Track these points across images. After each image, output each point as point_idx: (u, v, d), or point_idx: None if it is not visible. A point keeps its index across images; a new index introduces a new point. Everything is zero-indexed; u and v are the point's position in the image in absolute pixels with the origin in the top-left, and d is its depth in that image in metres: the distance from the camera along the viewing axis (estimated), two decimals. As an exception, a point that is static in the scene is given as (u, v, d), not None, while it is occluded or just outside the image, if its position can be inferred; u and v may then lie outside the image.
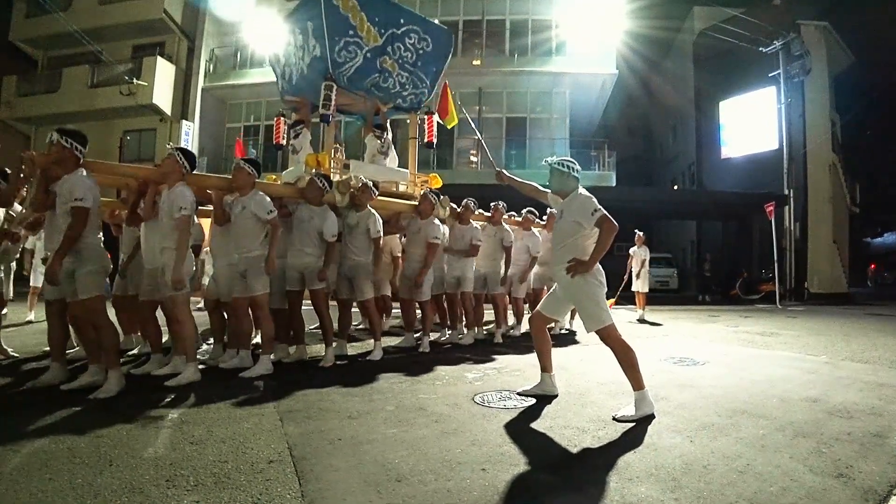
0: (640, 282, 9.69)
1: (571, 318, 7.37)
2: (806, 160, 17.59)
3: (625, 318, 9.58)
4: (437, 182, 7.00)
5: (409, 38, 6.48)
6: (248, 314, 4.62)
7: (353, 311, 5.88)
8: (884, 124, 31.74)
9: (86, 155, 3.80)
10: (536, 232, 6.93)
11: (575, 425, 3.13)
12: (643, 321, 9.28)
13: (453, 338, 6.37)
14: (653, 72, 25.80)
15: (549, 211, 6.97)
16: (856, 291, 20.29)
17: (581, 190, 3.66)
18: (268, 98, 19.03)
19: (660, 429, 3.06)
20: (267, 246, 4.46)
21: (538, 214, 7.14)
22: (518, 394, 3.80)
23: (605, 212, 3.44)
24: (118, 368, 3.77)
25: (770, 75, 18.08)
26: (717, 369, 4.88)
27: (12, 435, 2.82)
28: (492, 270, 6.53)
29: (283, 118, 7.41)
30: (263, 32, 16.43)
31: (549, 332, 4.02)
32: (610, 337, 3.39)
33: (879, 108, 30.00)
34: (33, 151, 3.94)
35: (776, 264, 14.73)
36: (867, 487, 2.27)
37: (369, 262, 5.26)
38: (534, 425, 3.17)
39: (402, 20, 6.44)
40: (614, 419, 3.22)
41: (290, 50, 6.79)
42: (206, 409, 3.40)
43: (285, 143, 7.09)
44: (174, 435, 2.90)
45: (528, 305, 7.18)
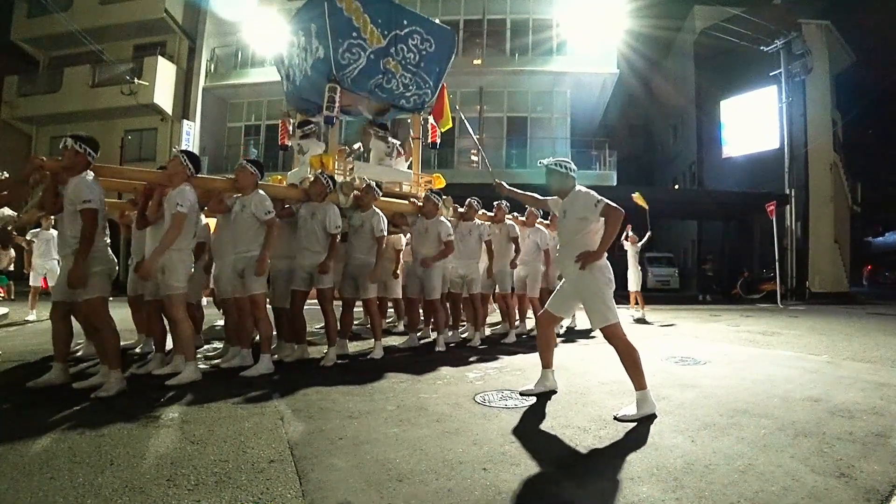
0: (632, 280, 9.67)
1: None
2: (807, 159, 17.57)
3: (624, 318, 9.58)
4: (440, 182, 7.02)
5: (412, 39, 6.48)
6: (250, 313, 4.63)
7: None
8: (885, 123, 31.73)
9: (96, 160, 3.89)
10: (541, 227, 6.93)
11: (576, 425, 3.13)
12: (640, 320, 9.27)
13: (455, 337, 6.37)
14: (653, 71, 25.80)
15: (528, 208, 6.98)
16: (856, 291, 20.26)
17: (579, 187, 3.71)
18: (269, 98, 19.06)
19: (661, 428, 3.05)
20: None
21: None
22: (520, 394, 3.80)
23: (608, 200, 3.48)
24: (119, 369, 3.80)
25: (771, 74, 18.06)
26: (718, 369, 4.88)
27: (13, 434, 2.83)
28: (500, 269, 6.53)
29: (288, 119, 7.40)
30: (264, 32, 16.50)
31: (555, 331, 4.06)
32: (615, 336, 3.40)
33: (881, 108, 29.96)
34: (43, 157, 4.00)
35: (777, 264, 14.72)
36: (869, 487, 2.26)
37: (373, 262, 5.30)
38: (535, 425, 3.17)
39: (406, 21, 6.45)
40: (615, 419, 3.22)
41: (293, 51, 6.82)
42: (207, 409, 3.40)
43: (291, 143, 7.10)
44: (175, 434, 2.91)
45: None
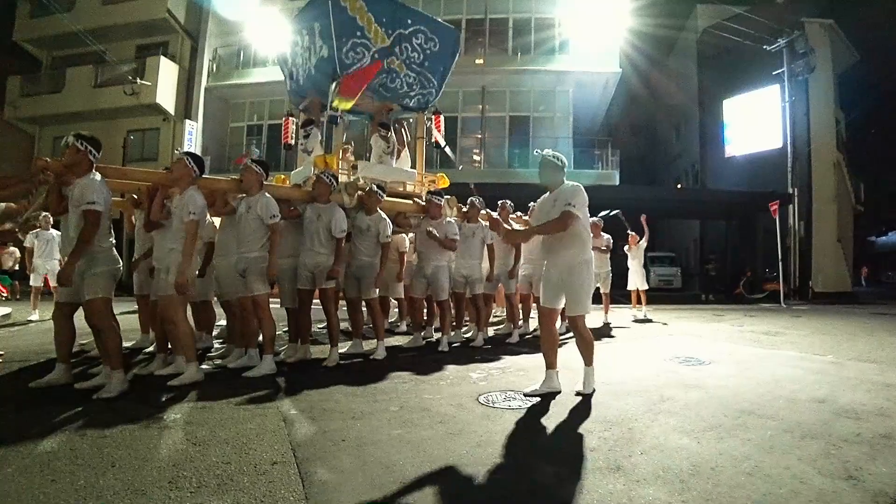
0: (635, 279, 9.64)
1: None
2: (810, 158, 17.52)
3: (626, 318, 9.56)
4: (444, 182, 7.01)
5: (416, 38, 6.51)
6: (254, 314, 4.63)
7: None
8: (889, 122, 31.67)
9: (98, 159, 3.87)
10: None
11: (581, 426, 3.12)
12: (644, 320, 9.24)
13: (458, 337, 6.37)
14: (656, 70, 25.77)
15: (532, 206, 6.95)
16: (858, 291, 20.20)
17: (568, 182, 3.90)
18: (271, 97, 19.08)
19: (666, 429, 3.03)
20: (267, 248, 4.49)
21: None
22: (525, 395, 3.78)
23: (574, 211, 3.69)
24: (121, 369, 3.81)
25: (774, 73, 18.01)
26: (723, 369, 4.85)
27: (15, 435, 2.82)
28: (503, 270, 6.53)
29: (291, 118, 7.42)
30: (266, 32, 16.51)
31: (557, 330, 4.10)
32: (580, 325, 3.82)
33: (884, 106, 29.94)
34: (47, 158, 3.99)
35: (780, 263, 14.67)
36: (877, 490, 2.24)
37: (377, 263, 5.33)
38: (539, 426, 3.17)
39: (410, 20, 6.47)
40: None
41: (297, 51, 6.84)
42: (210, 410, 3.40)
43: (294, 143, 7.12)
44: (177, 436, 2.91)
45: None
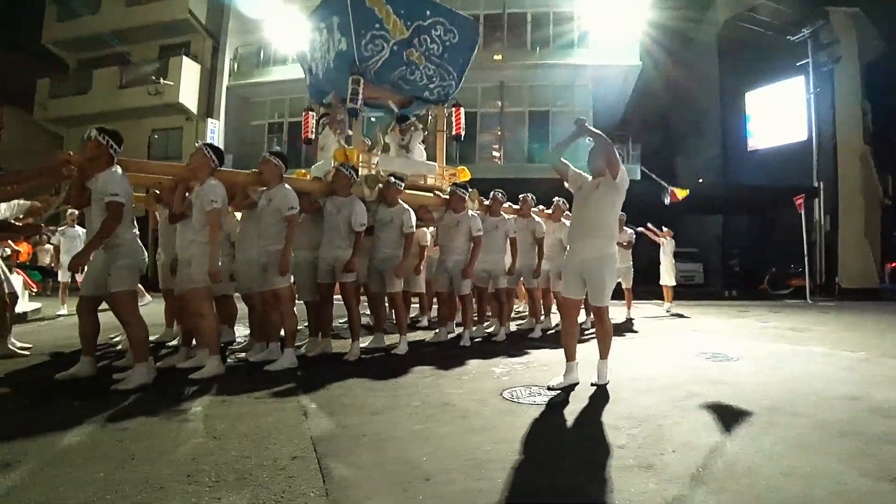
0: (666, 275, 9.65)
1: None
2: (836, 151, 17.23)
3: (649, 313, 9.54)
4: (465, 175, 6.97)
5: (435, 29, 6.43)
6: (276, 308, 4.66)
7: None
8: (917, 113, 30.80)
9: (120, 154, 3.91)
10: (567, 223, 6.83)
11: (607, 423, 3.06)
12: (671, 315, 9.22)
13: (479, 331, 6.37)
14: (676, 63, 25.32)
15: (555, 201, 6.95)
16: (886, 287, 19.81)
17: None
18: (291, 95, 19.20)
19: (696, 427, 2.96)
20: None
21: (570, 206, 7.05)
22: (548, 388, 3.74)
23: (621, 169, 3.78)
24: (145, 362, 3.85)
25: (798, 64, 17.72)
26: (750, 365, 4.78)
27: (38, 426, 2.85)
28: (526, 264, 6.49)
29: (311, 112, 7.43)
30: (286, 30, 16.62)
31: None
32: (606, 316, 3.89)
33: (913, 97, 29.12)
34: (70, 152, 4.04)
35: (806, 259, 14.45)
36: (921, 492, 2.16)
37: (400, 256, 5.32)
38: (564, 423, 3.11)
39: (429, 12, 6.41)
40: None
41: (316, 46, 6.81)
42: (230, 404, 3.40)
43: (315, 137, 7.17)
44: (197, 429, 2.90)
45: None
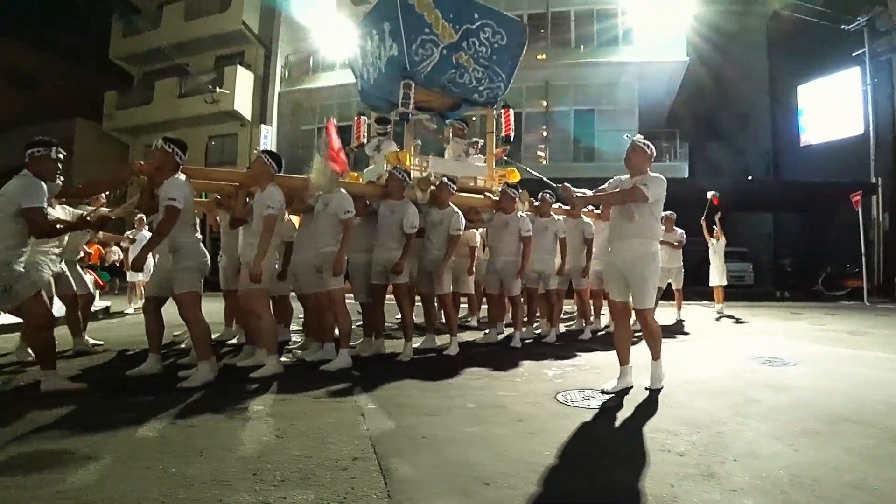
0: (717, 276, 9.59)
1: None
2: (895, 145, 16.51)
3: (700, 314, 9.50)
4: (514, 176, 6.89)
5: (483, 32, 6.44)
6: (329, 308, 4.75)
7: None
8: None
9: (184, 161, 4.09)
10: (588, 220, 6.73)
11: (665, 428, 2.96)
12: (723, 316, 9.15)
13: (529, 333, 6.33)
14: (723, 57, 24.75)
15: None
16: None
17: (653, 171, 3.87)
18: (339, 100, 19.84)
19: (758, 435, 2.87)
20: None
21: None
22: (602, 391, 3.69)
23: (647, 192, 3.69)
24: (208, 361, 3.98)
25: (854, 55, 17.03)
26: (809, 370, 4.61)
27: (111, 422, 2.96)
28: (575, 265, 6.47)
29: (363, 117, 7.52)
30: (334, 37, 17.21)
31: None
32: (650, 318, 3.80)
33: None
34: (140, 162, 4.29)
35: (863, 258, 13.90)
36: None
37: (450, 258, 5.40)
38: (621, 428, 3.04)
39: (476, 15, 6.42)
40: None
41: (367, 52, 6.91)
42: (289, 402, 3.47)
43: (367, 141, 7.14)
44: (259, 427, 2.96)
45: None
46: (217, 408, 3.26)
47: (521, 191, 6.11)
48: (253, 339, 4.79)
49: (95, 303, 8.90)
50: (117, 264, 10.83)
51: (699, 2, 18.16)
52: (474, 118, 10.21)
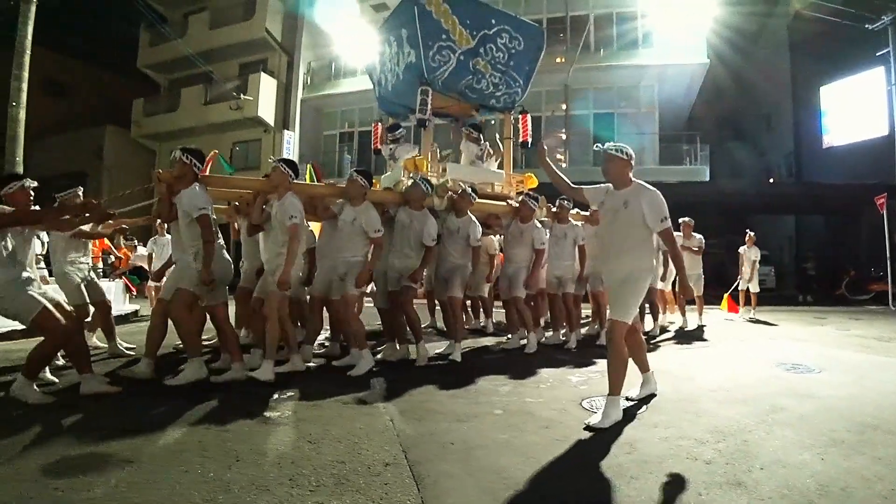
0: (752, 282, 9.60)
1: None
2: (922, 147, 16.25)
3: (721, 319, 9.51)
4: (532, 182, 6.92)
5: (500, 38, 6.46)
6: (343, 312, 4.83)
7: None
8: None
9: (201, 170, 4.29)
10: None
11: (691, 436, 2.99)
12: (755, 321, 9.15)
13: (554, 339, 6.37)
14: (744, 59, 24.53)
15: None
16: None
17: (642, 183, 3.51)
18: (360, 105, 20.12)
19: (785, 443, 2.87)
20: (367, 254, 4.72)
21: None
22: (626, 399, 3.59)
23: (669, 224, 3.42)
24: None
25: (878, 54, 16.71)
26: (835, 377, 4.56)
27: (145, 426, 3.03)
28: (594, 270, 6.45)
29: (380, 123, 7.57)
30: (355, 44, 17.47)
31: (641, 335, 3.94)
32: (618, 334, 3.38)
33: None
34: (160, 170, 4.41)
35: (888, 262, 13.72)
36: None
37: (467, 266, 5.44)
38: (648, 435, 3.05)
39: (494, 20, 6.44)
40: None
41: (385, 58, 6.98)
42: (319, 407, 3.53)
43: (382, 148, 7.16)
44: (292, 432, 3.02)
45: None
46: (249, 413, 3.33)
47: (540, 198, 6.17)
48: (259, 342, 4.72)
49: (123, 307, 9.23)
50: (142, 266, 11.00)
51: (719, 3, 18.02)
52: (493, 121, 10.29)
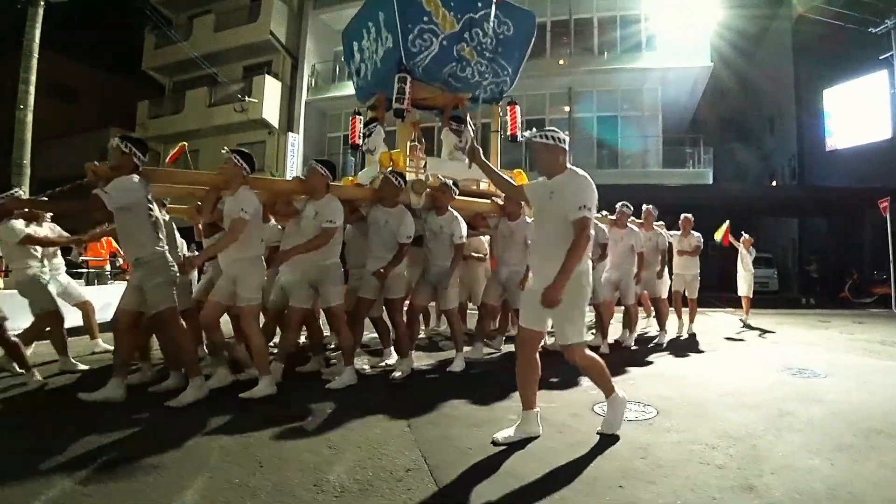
0: (744, 285, 9.56)
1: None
2: (925, 150, 16.28)
3: (725, 323, 9.55)
4: (522, 179, 6.38)
5: (487, 22, 5.82)
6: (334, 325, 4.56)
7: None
8: None
9: (145, 162, 3.81)
10: (635, 228, 6.62)
11: (703, 441, 3.02)
12: (747, 326, 9.12)
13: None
14: (748, 62, 24.62)
15: (645, 208, 6.99)
16: None
17: (576, 169, 3.05)
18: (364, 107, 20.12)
19: (794, 448, 2.90)
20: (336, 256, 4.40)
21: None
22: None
23: (588, 214, 2.89)
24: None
25: (881, 58, 16.76)
26: (841, 382, 4.56)
27: (169, 432, 3.05)
28: (650, 276, 6.49)
29: (358, 117, 6.87)
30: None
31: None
32: (580, 355, 3.09)
33: None
34: (96, 162, 3.88)
35: (891, 265, 13.76)
36: None
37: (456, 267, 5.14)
38: (661, 440, 3.09)
39: (480, 3, 5.81)
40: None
41: (363, 45, 6.39)
42: (335, 414, 3.52)
43: (361, 142, 6.61)
44: (312, 439, 3.03)
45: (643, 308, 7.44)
46: (269, 419, 3.33)
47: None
48: (214, 352, 4.39)
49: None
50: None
51: (723, 6, 18.10)
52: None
